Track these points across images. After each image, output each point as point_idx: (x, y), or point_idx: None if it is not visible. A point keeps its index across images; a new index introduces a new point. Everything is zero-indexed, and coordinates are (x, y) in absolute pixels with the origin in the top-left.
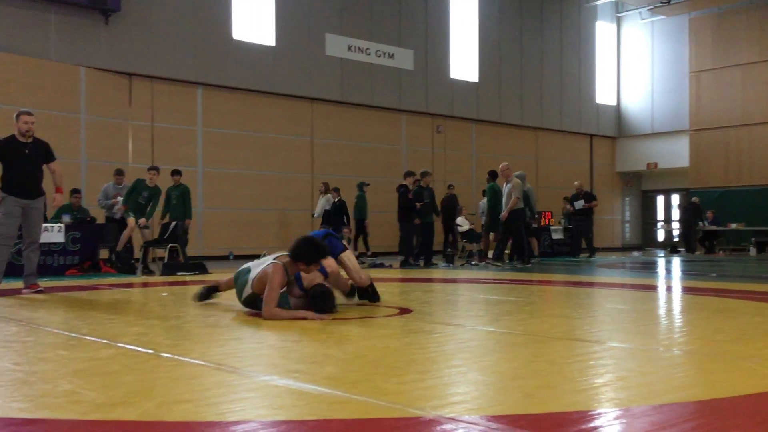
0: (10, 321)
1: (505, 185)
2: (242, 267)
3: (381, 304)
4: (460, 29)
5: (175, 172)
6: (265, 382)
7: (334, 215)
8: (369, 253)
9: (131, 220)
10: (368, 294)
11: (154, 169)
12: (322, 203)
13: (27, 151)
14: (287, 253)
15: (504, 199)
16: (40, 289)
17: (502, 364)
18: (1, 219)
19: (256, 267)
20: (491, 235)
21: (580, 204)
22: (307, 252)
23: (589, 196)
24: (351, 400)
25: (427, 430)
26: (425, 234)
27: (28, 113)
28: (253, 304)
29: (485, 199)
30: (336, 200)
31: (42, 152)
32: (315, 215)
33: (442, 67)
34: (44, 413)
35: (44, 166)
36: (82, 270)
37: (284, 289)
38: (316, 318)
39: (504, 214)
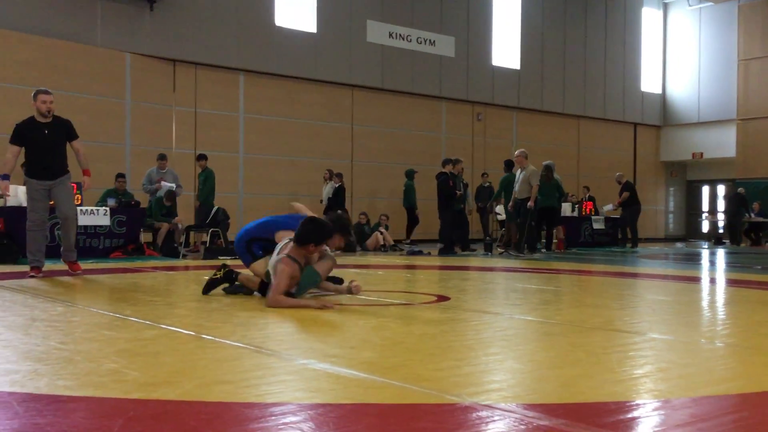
0: (57, 301)
1: (519, 172)
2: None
3: (417, 291)
4: (502, 15)
5: (201, 157)
6: (304, 366)
7: (332, 199)
8: (407, 241)
9: (161, 224)
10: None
11: (171, 199)
12: (327, 190)
13: (46, 131)
14: (289, 240)
15: (517, 186)
16: (79, 272)
17: (540, 353)
18: (29, 205)
19: (270, 269)
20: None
21: (609, 207)
22: (313, 233)
23: (625, 187)
24: (388, 385)
25: (463, 416)
26: (460, 222)
27: (46, 92)
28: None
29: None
30: (337, 185)
31: (63, 131)
32: (323, 202)
33: (484, 54)
34: (89, 391)
35: (68, 146)
36: (127, 252)
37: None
38: (317, 307)
39: (531, 203)
